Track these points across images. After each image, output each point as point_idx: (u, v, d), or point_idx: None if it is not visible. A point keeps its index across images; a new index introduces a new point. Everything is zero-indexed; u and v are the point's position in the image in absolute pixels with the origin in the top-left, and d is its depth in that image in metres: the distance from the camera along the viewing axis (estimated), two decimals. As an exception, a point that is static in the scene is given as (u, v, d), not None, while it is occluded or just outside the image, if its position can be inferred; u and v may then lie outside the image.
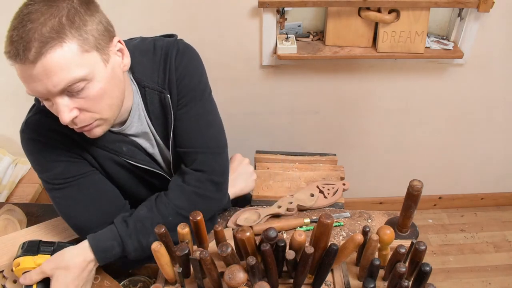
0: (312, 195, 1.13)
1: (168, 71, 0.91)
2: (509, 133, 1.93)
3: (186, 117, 0.94)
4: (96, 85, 0.76)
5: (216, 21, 1.53)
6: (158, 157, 1.02)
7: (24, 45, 0.68)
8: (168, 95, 0.92)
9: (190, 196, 0.95)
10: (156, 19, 1.53)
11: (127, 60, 0.85)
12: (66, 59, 0.71)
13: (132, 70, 0.90)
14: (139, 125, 0.95)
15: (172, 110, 0.93)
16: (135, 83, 0.92)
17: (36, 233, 1.05)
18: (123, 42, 0.84)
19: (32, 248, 0.90)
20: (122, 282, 0.96)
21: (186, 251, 0.77)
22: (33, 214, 1.14)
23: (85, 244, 0.89)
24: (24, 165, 1.77)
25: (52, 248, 0.91)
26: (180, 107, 0.94)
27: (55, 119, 0.84)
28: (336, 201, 1.15)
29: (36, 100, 0.91)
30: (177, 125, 0.95)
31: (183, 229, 0.80)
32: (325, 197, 1.14)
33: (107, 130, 0.85)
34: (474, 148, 1.98)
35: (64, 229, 1.05)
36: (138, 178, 1.01)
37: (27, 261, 0.89)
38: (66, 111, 0.75)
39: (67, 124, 0.77)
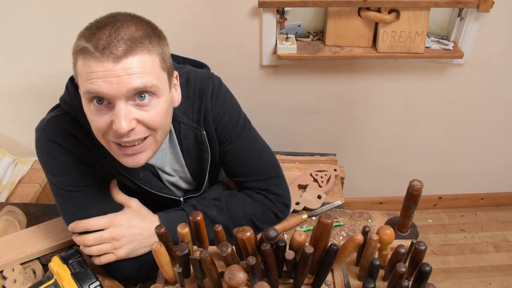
0: (320, 197, 1.14)
1: (204, 109, 0.92)
2: (509, 133, 1.92)
3: (237, 150, 0.97)
4: (161, 103, 0.77)
5: (216, 21, 1.53)
6: (171, 186, 1.03)
7: (116, 39, 0.69)
8: (204, 132, 0.93)
9: (266, 210, 0.98)
10: (156, 19, 1.52)
11: (178, 97, 0.86)
12: (150, 65, 0.73)
13: None
14: (160, 158, 0.95)
15: (208, 146, 0.95)
16: None
17: (36, 233, 1.05)
18: (178, 79, 0.86)
19: None
20: (122, 282, 0.95)
21: (186, 251, 0.77)
22: (33, 214, 1.14)
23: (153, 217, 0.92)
24: (24, 165, 1.77)
25: None
26: (228, 143, 0.96)
27: (79, 127, 0.84)
28: (331, 188, 1.18)
29: (63, 101, 0.88)
30: (230, 159, 0.98)
31: (183, 229, 0.80)
32: (319, 186, 1.17)
33: (148, 160, 0.83)
34: (474, 148, 1.98)
35: (63, 230, 1.05)
36: (149, 199, 0.99)
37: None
38: (127, 118, 0.72)
39: (123, 132, 0.72)
